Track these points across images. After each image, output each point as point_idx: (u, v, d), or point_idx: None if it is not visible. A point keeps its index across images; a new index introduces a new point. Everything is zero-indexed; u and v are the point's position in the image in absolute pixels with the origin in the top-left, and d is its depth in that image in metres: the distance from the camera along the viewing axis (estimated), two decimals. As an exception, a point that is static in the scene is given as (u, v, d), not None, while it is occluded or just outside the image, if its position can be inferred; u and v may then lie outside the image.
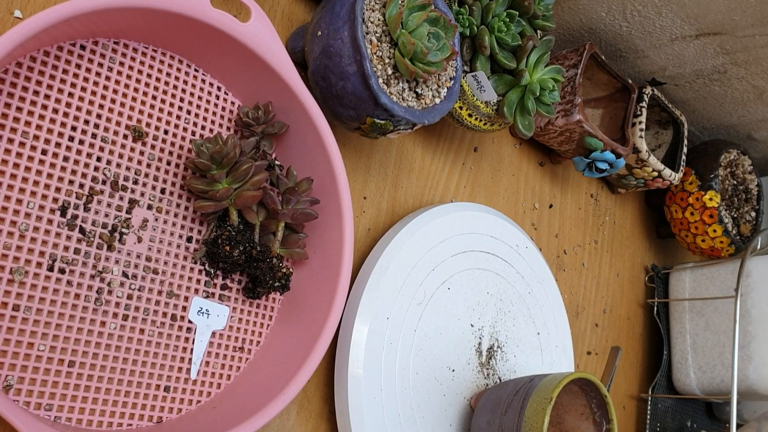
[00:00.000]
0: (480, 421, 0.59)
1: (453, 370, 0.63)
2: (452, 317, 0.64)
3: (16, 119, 0.43)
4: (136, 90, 0.49)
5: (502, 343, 0.68)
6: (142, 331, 0.47)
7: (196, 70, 0.52)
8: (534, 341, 0.72)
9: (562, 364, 0.74)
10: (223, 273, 0.52)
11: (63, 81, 0.45)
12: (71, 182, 0.45)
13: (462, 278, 0.65)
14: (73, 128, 0.45)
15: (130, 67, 0.48)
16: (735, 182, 0.96)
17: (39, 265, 0.43)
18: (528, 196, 0.82)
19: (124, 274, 0.47)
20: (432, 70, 0.53)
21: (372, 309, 0.57)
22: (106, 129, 0.47)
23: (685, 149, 0.92)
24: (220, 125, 0.53)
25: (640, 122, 0.83)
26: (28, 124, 0.43)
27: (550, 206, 0.85)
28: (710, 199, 0.90)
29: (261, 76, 0.51)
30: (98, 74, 0.47)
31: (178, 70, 0.51)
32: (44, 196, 0.44)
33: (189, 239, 0.51)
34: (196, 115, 0.52)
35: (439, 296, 0.63)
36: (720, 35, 0.79)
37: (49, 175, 0.44)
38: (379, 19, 0.52)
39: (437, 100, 0.57)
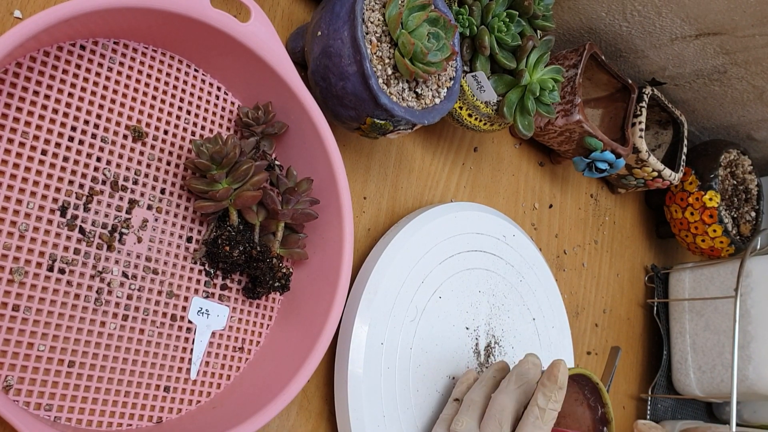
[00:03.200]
0: None
1: (452, 377, 0.63)
2: (448, 324, 0.64)
3: (16, 119, 0.43)
4: (136, 90, 0.49)
5: (498, 338, 0.68)
6: (141, 331, 0.47)
7: (196, 70, 0.52)
8: (530, 327, 0.72)
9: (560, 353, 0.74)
10: (223, 273, 0.52)
11: (63, 81, 0.45)
12: (71, 182, 0.45)
13: (453, 283, 0.65)
14: (73, 128, 0.45)
15: (130, 67, 0.48)
16: (735, 182, 0.96)
17: (39, 265, 0.43)
18: (528, 196, 0.82)
19: (124, 275, 0.47)
20: (432, 70, 0.53)
21: (372, 308, 0.57)
22: (106, 129, 0.47)
23: (685, 149, 0.92)
24: (220, 125, 0.53)
25: (640, 122, 0.83)
26: (28, 124, 0.43)
27: (550, 206, 0.85)
28: (710, 199, 0.90)
29: (261, 76, 0.51)
30: (98, 74, 0.47)
31: (178, 70, 0.51)
32: (44, 196, 0.44)
33: (189, 239, 0.51)
34: (196, 115, 0.52)
35: (443, 293, 0.63)
36: (720, 35, 0.79)
37: (49, 175, 0.44)
38: (379, 19, 0.52)
39: (437, 100, 0.57)
